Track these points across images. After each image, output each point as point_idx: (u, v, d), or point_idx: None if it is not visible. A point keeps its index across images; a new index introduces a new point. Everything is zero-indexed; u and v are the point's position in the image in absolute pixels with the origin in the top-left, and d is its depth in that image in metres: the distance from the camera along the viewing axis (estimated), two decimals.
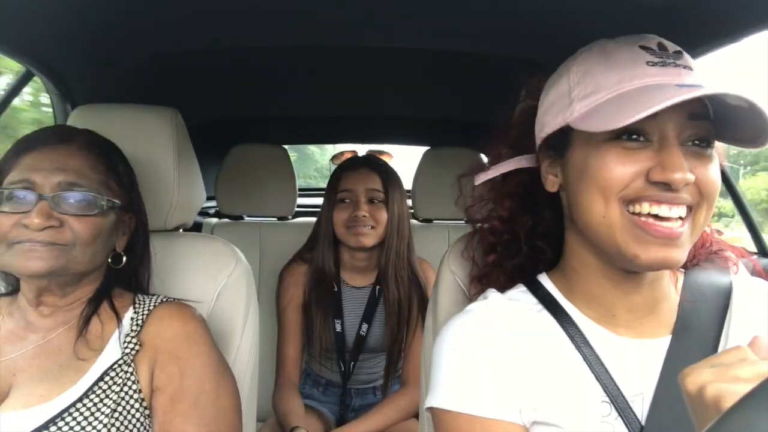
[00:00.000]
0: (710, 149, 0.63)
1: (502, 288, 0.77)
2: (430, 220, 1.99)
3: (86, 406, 0.75)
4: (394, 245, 1.52)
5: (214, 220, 2.05)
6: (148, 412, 0.80)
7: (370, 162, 1.59)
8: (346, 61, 1.49)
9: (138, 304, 0.87)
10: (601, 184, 0.62)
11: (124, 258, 0.89)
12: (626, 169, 0.60)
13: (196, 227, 1.93)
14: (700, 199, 0.62)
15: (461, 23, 1.15)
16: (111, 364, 0.79)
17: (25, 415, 0.73)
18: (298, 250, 1.63)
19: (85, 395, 0.75)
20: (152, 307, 0.86)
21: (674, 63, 0.63)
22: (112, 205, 0.84)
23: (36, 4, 1.00)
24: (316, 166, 8.85)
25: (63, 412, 0.73)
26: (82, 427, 0.73)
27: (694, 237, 0.64)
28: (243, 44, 1.31)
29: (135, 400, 0.78)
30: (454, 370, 0.68)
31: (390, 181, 1.54)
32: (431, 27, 1.18)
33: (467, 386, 0.66)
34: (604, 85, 0.63)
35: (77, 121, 1.09)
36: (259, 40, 1.27)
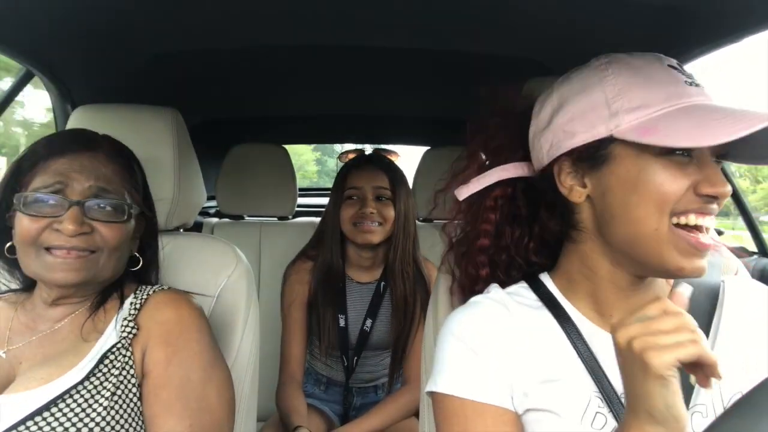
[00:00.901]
0: (722, 163, 0.68)
1: (503, 285, 0.79)
2: (430, 220, 1.99)
3: (87, 389, 0.75)
4: (401, 242, 1.53)
5: (215, 220, 2.05)
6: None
7: (377, 160, 1.59)
8: (346, 61, 1.50)
9: (138, 291, 0.88)
10: (656, 197, 0.64)
11: (141, 260, 0.91)
12: (679, 183, 0.63)
13: (197, 227, 1.93)
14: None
15: (461, 23, 1.15)
16: (110, 347, 0.80)
17: (26, 397, 0.74)
18: (303, 248, 1.63)
19: (86, 378, 0.76)
20: (151, 292, 0.87)
21: (696, 83, 0.67)
22: (135, 211, 0.87)
23: (36, 5, 1.00)
24: None
25: (64, 394, 0.74)
26: (83, 409, 0.74)
27: None
28: (243, 44, 1.31)
29: (132, 384, 0.78)
30: (455, 358, 0.70)
31: (397, 179, 1.54)
32: (431, 27, 1.18)
33: (465, 373, 0.69)
34: (652, 101, 0.65)
35: (78, 122, 1.09)
36: (260, 40, 1.27)
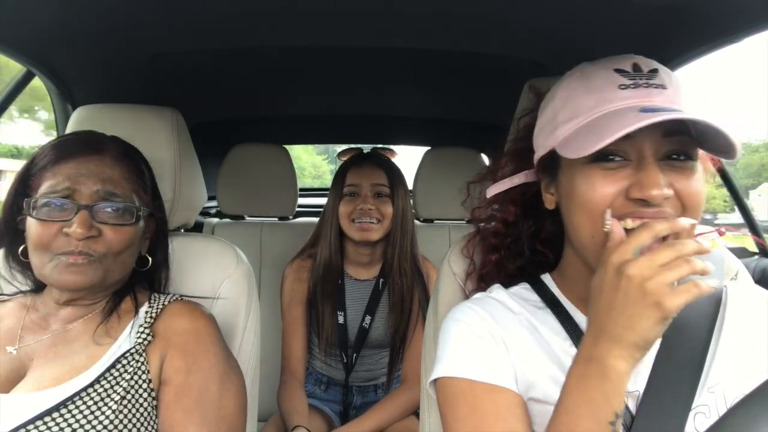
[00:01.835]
0: (691, 161, 0.64)
1: (506, 278, 0.80)
2: (431, 220, 1.99)
3: (97, 392, 0.76)
4: (399, 240, 1.54)
5: (215, 220, 2.05)
6: (156, 403, 0.81)
7: (376, 158, 1.61)
8: (347, 61, 1.50)
9: (153, 300, 0.90)
10: (586, 205, 0.64)
11: (150, 261, 0.93)
12: (607, 189, 0.63)
13: (197, 227, 1.93)
14: (683, 212, 0.63)
15: (462, 24, 1.15)
16: (123, 353, 0.81)
17: (37, 397, 0.74)
18: (302, 248, 1.64)
19: (97, 381, 0.77)
20: (167, 302, 0.89)
21: (646, 83, 0.65)
22: (143, 213, 0.87)
23: (36, 5, 1.00)
24: None
25: (74, 396, 0.75)
26: (92, 412, 0.74)
27: None
28: (243, 44, 1.31)
29: (144, 390, 0.80)
30: (461, 341, 0.71)
31: (395, 177, 1.57)
32: (431, 27, 1.18)
33: (472, 355, 0.69)
34: (582, 110, 0.66)
35: (78, 122, 1.09)
36: (260, 41, 1.27)
